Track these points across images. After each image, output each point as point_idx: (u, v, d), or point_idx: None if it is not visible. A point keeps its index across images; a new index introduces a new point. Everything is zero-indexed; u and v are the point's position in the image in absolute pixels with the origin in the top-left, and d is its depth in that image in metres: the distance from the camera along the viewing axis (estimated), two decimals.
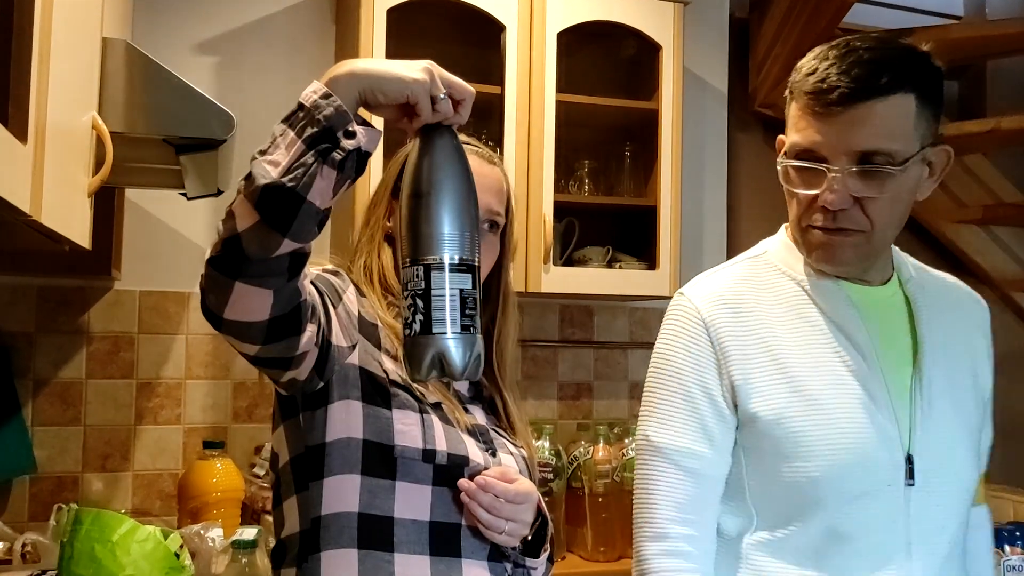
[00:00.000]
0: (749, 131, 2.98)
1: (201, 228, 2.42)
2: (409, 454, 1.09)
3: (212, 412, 2.39)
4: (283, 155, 0.90)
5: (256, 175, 0.89)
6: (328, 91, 0.94)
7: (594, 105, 2.50)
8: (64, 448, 2.27)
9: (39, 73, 0.99)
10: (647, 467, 1.22)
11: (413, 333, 0.92)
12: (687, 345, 1.23)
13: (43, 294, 2.27)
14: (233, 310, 0.96)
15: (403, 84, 0.94)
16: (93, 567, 1.50)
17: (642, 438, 1.24)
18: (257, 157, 0.91)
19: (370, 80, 0.94)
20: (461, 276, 0.92)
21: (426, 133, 0.98)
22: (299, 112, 0.94)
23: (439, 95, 0.96)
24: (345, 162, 0.91)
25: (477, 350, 0.92)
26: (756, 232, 2.93)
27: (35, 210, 0.99)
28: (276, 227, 0.89)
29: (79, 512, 1.57)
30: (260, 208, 0.88)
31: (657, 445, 1.21)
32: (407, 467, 1.09)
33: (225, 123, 1.57)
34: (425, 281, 0.91)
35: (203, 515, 2.05)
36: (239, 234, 0.90)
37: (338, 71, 0.96)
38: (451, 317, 0.90)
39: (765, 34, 2.85)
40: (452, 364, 0.90)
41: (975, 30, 2.84)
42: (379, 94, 0.94)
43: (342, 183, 0.92)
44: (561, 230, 2.52)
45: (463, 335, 0.91)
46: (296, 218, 0.89)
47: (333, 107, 0.92)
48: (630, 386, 2.79)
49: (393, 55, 2.24)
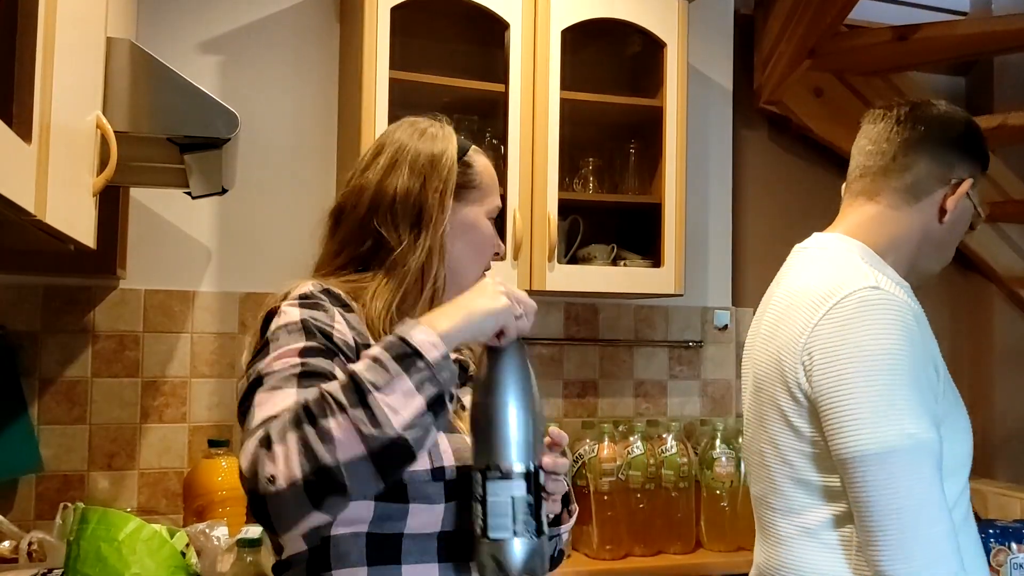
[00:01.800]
0: (754, 128, 2.97)
1: (206, 227, 2.42)
2: (419, 477, 1.05)
3: (217, 410, 2.40)
4: (402, 404, 0.91)
5: (378, 416, 0.89)
6: (446, 351, 0.96)
7: (598, 103, 2.49)
8: (70, 447, 2.27)
9: (43, 73, 0.99)
10: (920, 470, 1.15)
11: (477, 534, 1.00)
12: (913, 336, 1.21)
13: (49, 293, 2.27)
14: (291, 525, 0.94)
15: (496, 318, 1.01)
16: (99, 566, 1.50)
17: (902, 437, 1.15)
18: (371, 390, 0.91)
19: (472, 330, 1.00)
20: (516, 484, 0.99)
21: (497, 348, 1.04)
22: (417, 361, 0.93)
23: (518, 313, 1.02)
24: None
25: (534, 550, 0.98)
26: (761, 229, 2.95)
27: (40, 210, 0.99)
28: (381, 472, 0.91)
29: (86, 511, 1.58)
30: (375, 453, 0.89)
31: (924, 441, 1.15)
32: (418, 489, 1.06)
33: (229, 122, 1.58)
34: (483, 487, 0.99)
35: (208, 513, 2.05)
36: (341, 465, 0.88)
37: (442, 326, 0.98)
38: (505, 523, 0.98)
39: (770, 30, 2.85)
40: (508, 566, 0.98)
41: (982, 25, 2.82)
42: (480, 336, 1.01)
43: None
44: (566, 228, 2.52)
45: (518, 539, 0.98)
46: (401, 468, 0.94)
47: (450, 370, 0.96)
48: (635, 384, 2.78)
49: (397, 54, 2.24)
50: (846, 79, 2.99)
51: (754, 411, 1.36)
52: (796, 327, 1.26)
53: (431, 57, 2.44)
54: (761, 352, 1.34)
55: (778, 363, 1.27)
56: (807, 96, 2.93)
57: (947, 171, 1.36)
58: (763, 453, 1.32)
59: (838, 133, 2.96)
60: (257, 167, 2.44)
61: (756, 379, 1.35)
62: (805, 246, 1.43)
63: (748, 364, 1.43)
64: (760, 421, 1.33)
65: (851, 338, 1.19)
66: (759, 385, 1.33)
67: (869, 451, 1.16)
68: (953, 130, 1.38)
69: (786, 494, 1.29)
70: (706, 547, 2.44)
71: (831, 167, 3.05)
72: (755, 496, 1.39)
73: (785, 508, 1.29)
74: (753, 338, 1.43)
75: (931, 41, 2.79)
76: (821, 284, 1.27)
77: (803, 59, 2.77)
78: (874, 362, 1.18)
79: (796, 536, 1.28)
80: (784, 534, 1.30)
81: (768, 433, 1.30)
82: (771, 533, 1.34)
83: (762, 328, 1.37)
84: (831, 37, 2.76)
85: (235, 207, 2.43)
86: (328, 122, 2.53)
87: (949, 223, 1.37)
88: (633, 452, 2.36)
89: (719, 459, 2.42)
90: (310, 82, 2.52)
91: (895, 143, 1.39)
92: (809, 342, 1.23)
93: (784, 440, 1.27)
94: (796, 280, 1.34)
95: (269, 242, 2.47)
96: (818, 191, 3.05)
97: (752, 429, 1.38)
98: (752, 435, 1.38)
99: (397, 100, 2.24)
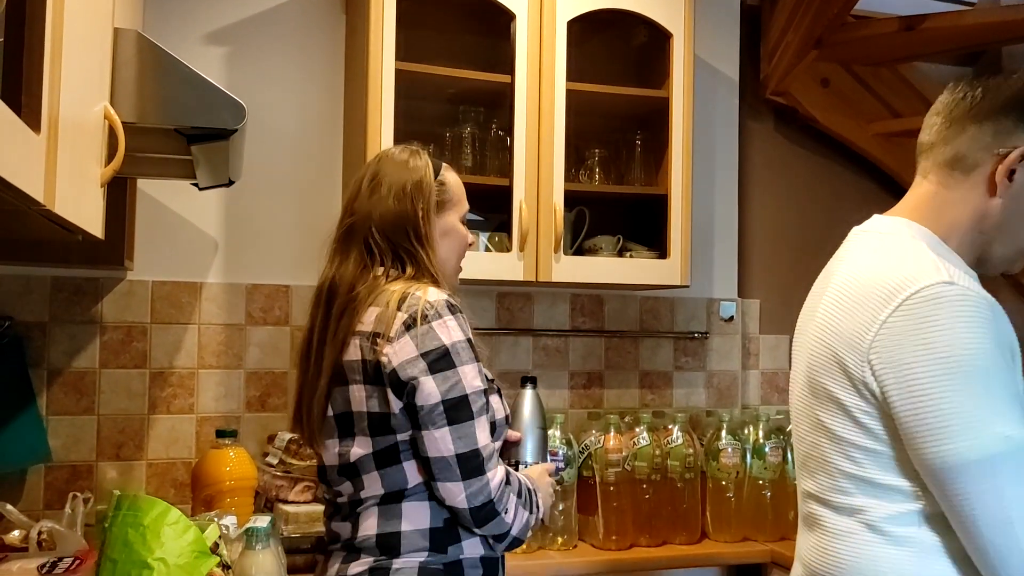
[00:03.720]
0: (760, 119, 2.97)
1: (213, 218, 2.43)
2: (500, 423, 1.56)
3: (225, 401, 2.41)
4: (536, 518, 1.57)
5: (537, 518, 1.56)
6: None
7: (604, 94, 2.49)
8: (78, 437, 2.28)
9: (52, 63, 0.99)
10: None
11: None
12: (993, 332, 1.14)
13: (57, 284, 2.28)
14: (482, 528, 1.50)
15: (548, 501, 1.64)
16: (125, 551, 1.51)
17: (1000, 441, 1.10)
18: (535, 510, 1.55)
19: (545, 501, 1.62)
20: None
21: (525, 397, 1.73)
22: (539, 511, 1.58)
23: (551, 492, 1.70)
24: None
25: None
26: (767, 220, 2.95)
27: (49, 199, 0.99)
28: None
29: (120, 497, 1.58)
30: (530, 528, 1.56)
31: (1022, 443, 1.10)
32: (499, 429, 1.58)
33: (236, 113, 1.58)
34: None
35: (216, 503, 2.06)
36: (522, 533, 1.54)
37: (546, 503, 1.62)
38: None
39: (776, 21, 2.84)
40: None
41: (989, 15, 2.81)
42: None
43: None
44: (571, 219, 2.52)
45: None
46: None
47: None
48: (640, 375, 2.79)
49: (403, 45, 2.24)
50: (853, 70, 2.98)
51: (807, 404, 1.29)
52: (859, 322, 1.18)
53: (437, 48, 2.43)
54: (816, 343, 1.26)
55: (836, 358, 1.20)
56: (814, 87, 2.92)
57: (994, 140, 1.23)
58: (820, 447, 1.25)
59: (845, 124, 2.96)
60: (263, 159, 2.44)
61: (810, 370, 1.27)
62: (865, 229, 1.33)
63: (801, 354, 1.33)
64: (815, 415, 1.26)
65: (927, 339, 1.12)
66: (813, 377, 1.26)
67: (966, 460, 1.09)
68: (1002, 95, 1.25)
69: (847, 490, 1.22)
70: (711, 537, 2.44)
71: (837, 158, 3.05)
72: (807, 491, 1.31)
73: (846, 504, 1.22)
74: (805, 324, 1.34)
75: (939, 31, 2.78)
76: (887, 276, 1.18)
77: (810, 49, 2.76)
78: (956, 365, 1.11)
79: (858, 531, 1.21)
80: (842, 529, 1.23)
81: (827, 428, 1.23)
82: (825, 528, 1.26)
83: (817, 317, 1.27)
84: (838, 27, 2.75)
85: (242, 199, 2.44)
86: (334, 113, 2.53)
87: (1009, 199, 1.23)
88: (639, 443, 2.37)
89: (725, 450, 2.42)
90: (316, 73, 2.52)
91: (944, 115, 1.28)
92: (877, 341, 1.15)
93: (849, 436, 1.20)
94: (857, 267, 1.25)
95: (275, 234, 2.47)
96: (824, 182, 3.05)
97: (806, 423, 1.30)
98: (806, 429, 1.30)
99: (403, 91, 2.24)
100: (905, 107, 3.01)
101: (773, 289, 2.96)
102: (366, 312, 1.47)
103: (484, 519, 1.45)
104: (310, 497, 2.15)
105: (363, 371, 1.45)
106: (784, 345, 2.94)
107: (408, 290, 1.47)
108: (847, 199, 3.05)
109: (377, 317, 1.45)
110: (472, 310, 2.62)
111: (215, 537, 1.63)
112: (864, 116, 2.98)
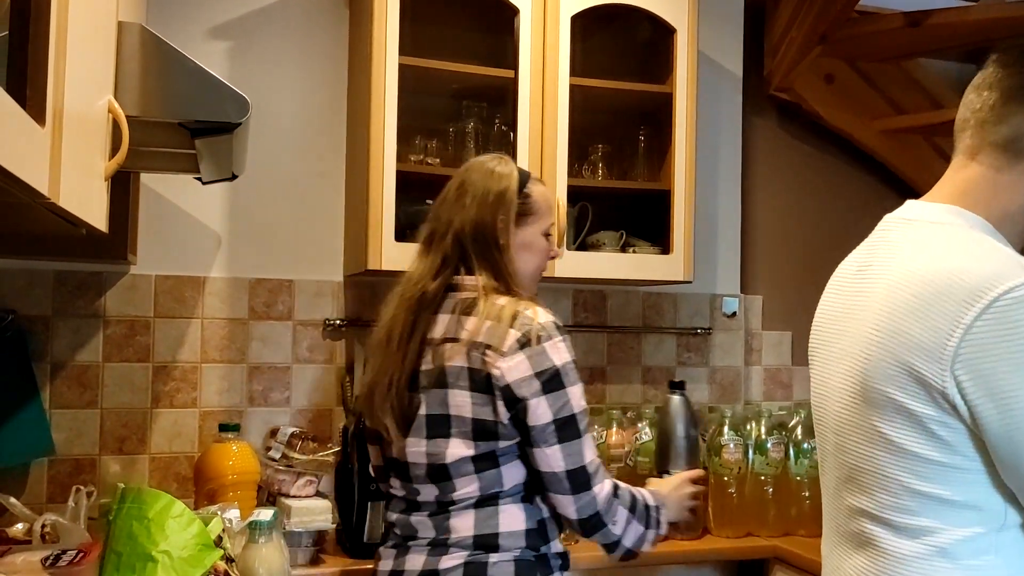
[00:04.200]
0: (764, 115, 2.96)
1: (216, 213, 2.43)
2: None
3: (228, 395, 2.41)
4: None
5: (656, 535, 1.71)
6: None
7: (608, 89, 2.49)
8: (81, 431, 2.29)
9: (56, 56, 0.99)
10: None
11: None
12: None
13: (60, 278, 2.28)
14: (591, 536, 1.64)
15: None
16: (130, 544, 1.51)
17: None
18: (654, 525, 1.70)
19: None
20: None
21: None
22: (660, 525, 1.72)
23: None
24: None
25: None
26: (771, 216, 2.94)
27: (53, 192, 0.99)
28: None
29: (124, 490, 1.59)
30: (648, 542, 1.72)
31: None
32: None
33: (240, 107, 1.57)
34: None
35: (219, 497, 2.06)
36: (634, 547, 1.69)
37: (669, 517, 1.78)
38: None
39: (780, 17, 2.83)
40: None
41: (994, 11, 2.80)
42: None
43: None
44: (575, 214, 2.52)
45: None
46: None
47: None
48: (643, 371, 2.79)
49: (407, 39, 2.24)
50: (857, 66, 2.98)
51: (857, 414, 1.16)
52: (935, 326, 1.05)
53: (441, 43, 2.43)
54: (875, 348, 1.13)
55: (904, 365, 1.08)
56: (818, 83, 2.91)
57: None
58: (876, 461, 1.14)
59: (849, 120, 2.95)
60: (267, 153, 2.44)
61: (865, 378, 1.14)
62: (906, 217, 1.21)
63: (841, 358, 1.21)
64: (871, 426, 1.14)
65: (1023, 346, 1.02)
66: (871, 385, 1.13)
67: None
68: None
69: (912, 509, 1.11)
70: (714, 533, 2.44)
71: (841, 154, 3.04)
72: (855, 507, 1.19)
73: (910, 524, 1.11)
74: (843, 325, 1.22)
75: (943, 27, 2.77)
76: (963, 274, 1.05)
77: (814, 45, 2.76)
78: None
79: (925, 556, 1.10)
80: (907, 553, 1.11)
81: (890, 440, 1.11)
82: (882, 550, 1.14)
83: (870, 319, 1.15)
84: (842, 23, 2.74)
85: (245, 193, 2.44)
86: (338, 108, 2.53)
87: None
88: (641, 438, 2.37)
89: (727, 446, 2.42)
90: (320, 68, 2.52)
91: (996, 89, 1.16)
92: (962, 349, 1.03)
93: (918, 449, 1.09)
94: (919, 264, 1.12)
95: (279, 228, 2.47)
96: (828, 178, 3.05)
97: (856, 435, 1.17)
98: (857, 441, 1.17)
99: (407, 86, 2.24)
100: (909, 103, 3.00)
101: (776, 285, 2.95)
102: (469, 321, 1.56)
103: (592, 529, 1.58)
104: (312, 492, 2.15)
105: (469, 379, 1.53)
106: (787, 341, 2.94)
107: (518, 308, 1.56)
108: (850, 195, 3.05)
109: (488, 329, 1.54)
110: None
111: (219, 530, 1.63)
112: (868, 112, 2.97)
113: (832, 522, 1.25)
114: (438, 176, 2.41)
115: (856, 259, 1.26)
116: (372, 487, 2.14)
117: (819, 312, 1.32)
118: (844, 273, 1.27)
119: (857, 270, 1.24)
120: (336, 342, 2.50)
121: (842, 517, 1.22)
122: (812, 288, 1.38)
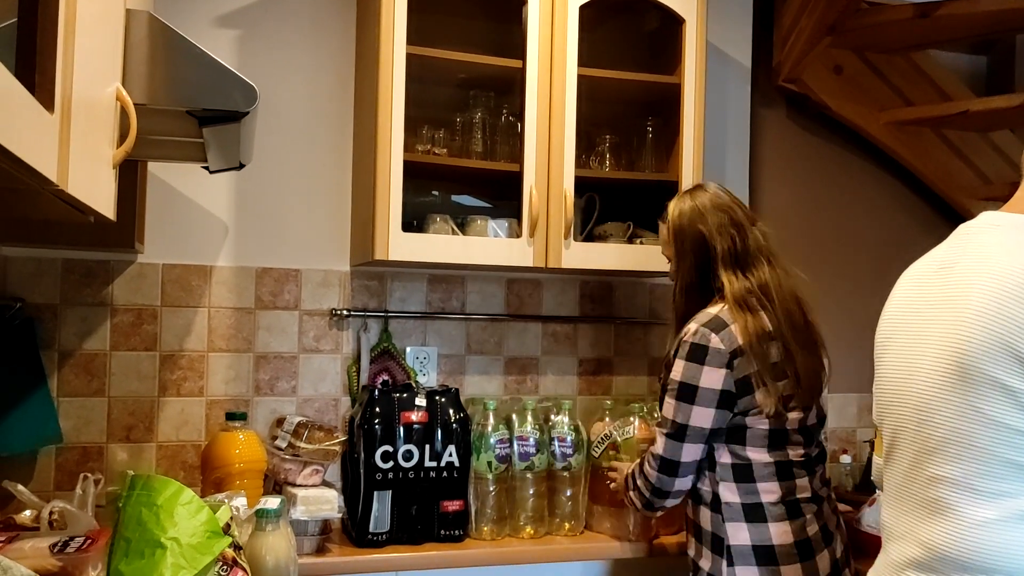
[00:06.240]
0: (772, 106, 2.95)
1: (223, 202, 2.43)
2: None
3: (234, 384, 2.41)
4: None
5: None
6: None
7: (616, 79, 2.48)
8: (89, 419, 2.30)
9: (65, 43, 0.99)
10: None
11: None
12: None
13: (68, 266, 2.29)
14: None
15: None
16: (139, 530, 1.51)
17: None
18: None
19: None
20: None
21: None
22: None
23: None
24: None
25: None
26: (778, 208, 2.94)
27: (62, 179, 0.99)
28: None
29: (134, 477, 1.59)
30: None
31: None
32: None
33: (248, 95, 1.57)
34: None
35: (226, 485, 2.07)
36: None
37: None
38: None
39: (790, 7, 2.82)
40: None
41: (1004, 2, 2.78)
42: None
43: None
44: (582, 205, 2.51)
45: None
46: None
47: None
48: (650, 362, 2.78)
49: (414, 29, 2.23)
50: (866, 57, 2.96)
51: (953, 390, 1.29)
52: None
53: (448, 33, 2.42)
54: (978, 330, 1.25)
55: (1007, 346, 1.21)
56: (826, 74, 2.90)
57: None
58: (971, 434, 1.26)
59: (857, 112, 2.94)
60: (274, 142, 2.44)
61: (964, 357, 1.26)
62: (995, 223, 1.33)
63: (930, 342, 1.33)
64: (968, 401, 1.26)
65: None
66: (970, 364, 1.26)
67: None
68: None
69: (1001, 476, 1.23)
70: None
71: (849, 146, 3.03)
72: (938, 475, 1.30)
73: (994, 488, 1.23)
74: (924, 312, 1.35)
75: (953, 18, 2.76)
76: None
77: (823, 36, 2.75)
78: None
79: (1008, 520, 1.22)
80: (986, 517, 1.24)
81: (986, 416, 1.24)
82: (961, 514, 1.26)
83: (973, 305, 1.27)
84: (852, 13, 2.73)
85: (252, 182, 2.44)
86: (345, 97, 2.52)
87: None
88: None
89: None
90: (327, 57, 2.52)
91: None
92: None
93: (1018, 424, 1.21)
94: (1018, 257, 1.25)
95: (285, 217, 2.47)
96: (835, 170, 3.04)
97: (949, 409, 1.30)
98: (949, 415, 1.30)
99: (414, 76, 2.23)
100: (918, 95, 2.99)
101: None
102: None
103: None
104: (318, 480, 2.16)
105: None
106: None
107: None
108: (858, 187, 3.04)
109: None
110: (481, 296, 2.64)
111: (227, 518, 1.63)
112: (877, 104, 2.96)
113: (903, 491, 1.36)
114: (445, 166, 2.42)
115: (936, 258, 1.37)
116: (377, 476, 2.14)
117: (893, 305, 1.42)
118: (923, 271, 1.39)
119: (939, 267, 1.35)
120: (342, 332, 2.51)
121: (918, 485, 1.33)
122: (818, 277, 1.39)
